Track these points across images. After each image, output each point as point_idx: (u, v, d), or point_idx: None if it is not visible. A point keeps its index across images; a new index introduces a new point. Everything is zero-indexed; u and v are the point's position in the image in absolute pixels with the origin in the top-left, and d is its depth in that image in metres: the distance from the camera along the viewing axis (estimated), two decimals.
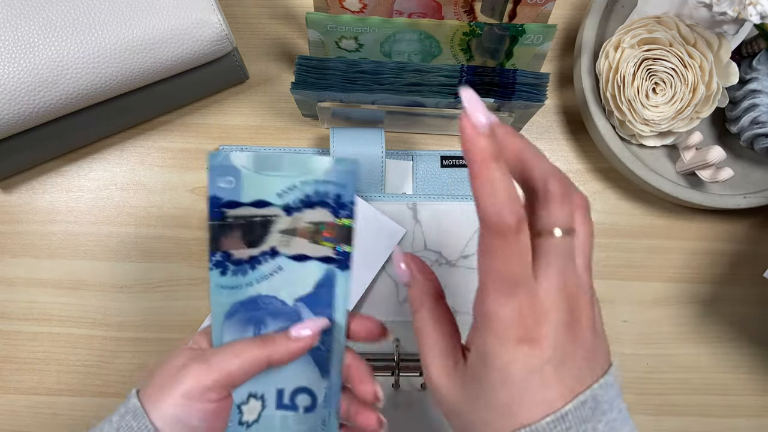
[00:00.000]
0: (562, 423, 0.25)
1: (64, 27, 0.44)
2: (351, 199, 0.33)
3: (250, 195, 0.33)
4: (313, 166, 0.33)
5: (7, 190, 0.54)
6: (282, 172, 0.33)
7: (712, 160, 0.48)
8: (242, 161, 0.33)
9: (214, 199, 0.33)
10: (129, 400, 0.32)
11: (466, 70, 0.46)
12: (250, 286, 0.34)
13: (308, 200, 0.34)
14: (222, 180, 0.33)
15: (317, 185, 0.33)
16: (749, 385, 0.54)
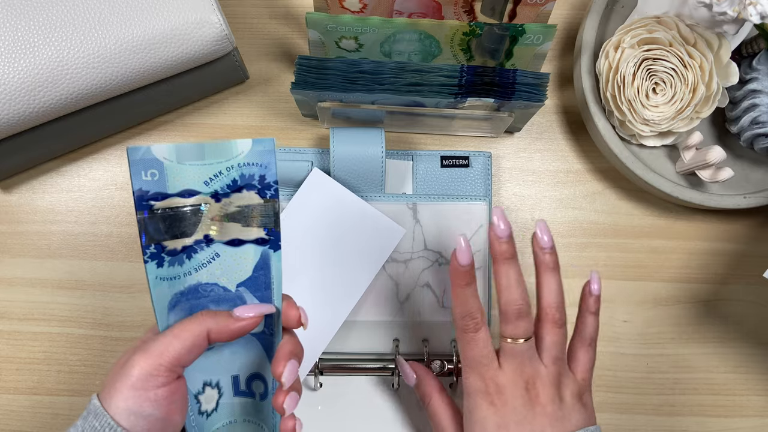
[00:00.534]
0: None
1: (64, 27, 0.44)
2: (275, 179, 0.34)
3: (176, 186, 0.33)
4: (234, 151, 0.33)
5: (7, 190, 0.54)
6: (206, 161, 0.33)
7: (712, 160, 0.48)
8: (164, 153, 0.33)
9: (140, 192, 0.33)
10: (90, 402, 0.33)
11: (466, 70, 0.46)
12: (189, 275, 0.34)
13: (235, 185, 0.34)
14: (145, 173, 0.33)
15: (242, 169, 0.34)
16: (749, 385, 0.54)
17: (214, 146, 0.33)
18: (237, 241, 0.35)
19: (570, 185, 0.56)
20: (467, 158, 0.54)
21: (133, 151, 0.32)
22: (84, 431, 0.32)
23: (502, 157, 0.56)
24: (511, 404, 0.38)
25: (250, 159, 0.34)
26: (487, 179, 0.54)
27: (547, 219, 0.55)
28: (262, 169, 0.34)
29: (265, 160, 0.34)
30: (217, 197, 0.34)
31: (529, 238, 0.55)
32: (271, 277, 0.35)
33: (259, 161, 0.34)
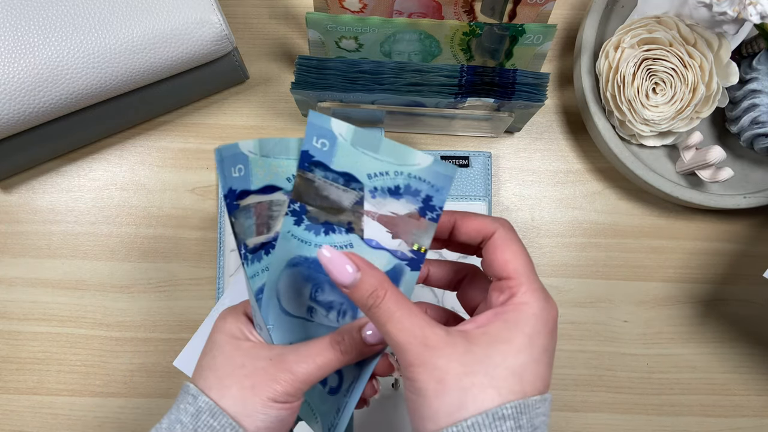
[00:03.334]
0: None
1: (64, 27, 0.44)
2: (441, 205, 0.32)
3: (340, 164, 0.33)
4: (409, 160, 0.32)
5: (7, 190, 0.54)
6: (378, 155, 0.32)
7: (712, 160, 0.48)
8: (341, 129, 0.32)
9: (306, 154, 0.32)
10: (195, 398, 0.32)
11: (466, 70, 0.46)
12: (319, 248, 0.33)
13: (396, 191, 0.33)
14: (318, 140, 0.32)
15: (411, 180, 0.32)
16: (749, 385, 0.54)
17: (393, 146, 0.32)
18: (376, 244, 0.34)
19: (570, 185, 0.56)
20: (467, 158, 0.54)
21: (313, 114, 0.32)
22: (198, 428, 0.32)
23: (502, 157, 0.56)
24: None
25: (423, 175, 0.32)
26: (487, 179, 0.54)
27: (547, 219, 0.55)
28: (432, 190, 0.32)
29: (440, 183, 0.32)
30: (373, 193, 0.33)
31: (530, 238, 0.55)
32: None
33: (433, 181, 0.32)
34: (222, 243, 0.52)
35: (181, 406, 0.33)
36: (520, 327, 0.29)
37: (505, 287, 0.31)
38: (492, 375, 0.28)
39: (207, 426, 0.32)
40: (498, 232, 0.32)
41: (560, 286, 0.54)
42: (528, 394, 0.28)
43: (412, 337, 0.29)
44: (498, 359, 0.28)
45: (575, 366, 0.54)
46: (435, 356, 0.28)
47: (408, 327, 0.29)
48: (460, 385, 0.28)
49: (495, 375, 0.28)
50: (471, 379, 0.28)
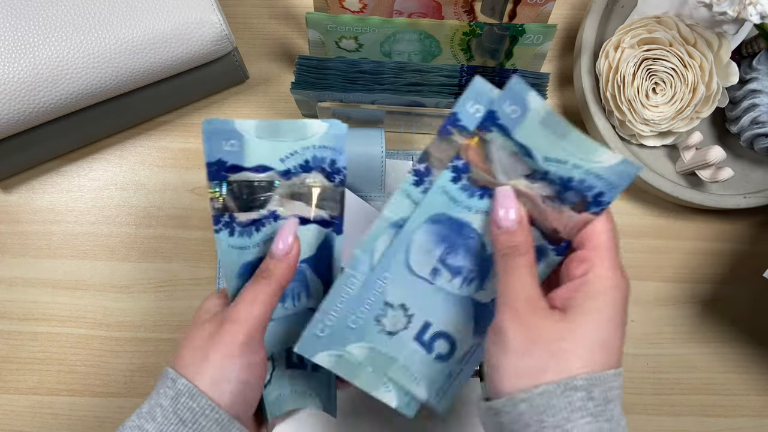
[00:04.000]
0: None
1: (64, 27, 0.44)
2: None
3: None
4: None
5: (7, 190, 0.54)
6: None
7: (712, 160, 0.48)
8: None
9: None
10: (174, 381, 0.32)
11: (466, 70, 0.46)
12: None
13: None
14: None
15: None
16: (749, 385, 0.54)
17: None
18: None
19: None
20: None
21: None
22: (178, 411, 0.32)
23: None
24: None
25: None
26: None
27: None
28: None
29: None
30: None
31: None
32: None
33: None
34: None
35: (160, 391, 0.33)
36: (604, 297, 0.30)
37: (584, 258, 0.31)
38: (580, 344, 0.29)
39: (186, 408, 0.32)
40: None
41: None
42: (610, 364, 0.29)
43: (523, 292, 0.30)
44: (587, 329, 0.29)
45: None
46: (535, 316, 0.29)
47: (526, 285, 0.30)
48: (549, 348, 0.29)
49: (583, 344, 0.29)
50: (560, 344, 0.29)
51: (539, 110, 0.31)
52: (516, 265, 0.31)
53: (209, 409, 0.32)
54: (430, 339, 0.35)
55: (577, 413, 0.28)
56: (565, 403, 0.28)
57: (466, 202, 0.33)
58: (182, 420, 0.32)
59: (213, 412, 0.32)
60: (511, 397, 0.29)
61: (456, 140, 0.32)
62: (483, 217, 0.33)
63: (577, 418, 0.28)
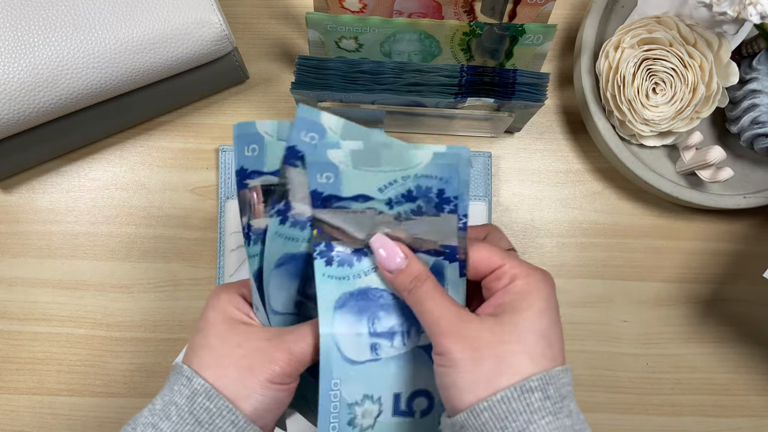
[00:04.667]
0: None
1: (64, 27, 0.44)
2: (455, 194, 0.32)
3: (350, 190, 0.32)
4: (413, 161, 0.32)
5: (7, 190, 0.54)
6: (381, 168, 0.32)
7: (712, 160, 0.48)
8: (339, 158, 0.32)
9: (315, 193, 0.32)
10: (190, 380, 0.32)
11: (466, 70, 0.46)
12: (358, 278, 0.34)
13: (410, 195, 0.33)
14: (321, 176, 0.32)
15: (418, 180, 0.32)
16: (749, 385, 0.54)
17: (391, 154, 0.32)
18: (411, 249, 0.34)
19: (570, 185, 0.56)
20: None
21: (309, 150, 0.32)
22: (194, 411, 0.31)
23: (502, 157, 0.56)
24: None
25: (428, 171, 0.32)
26: (487, 179, 0.54)
27: (547, 219, 0.55)
28: (441, 183, 0.32)
29: (445, 174, 0.32)
30: (390, 204, 0.33)
31: (530, 238, 0.55)
32: (446, 286, 0.34)
33: (439, 174, 0.32)
34: (222, 243, 0.52)
35: (174, 388, 0.32)
36: (534, 294, 0.31)
37: (500, 275, 0.32)
38: (522, 341, 0.30)
39: (203, 408, 0.31)
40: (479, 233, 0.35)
41: (560, 286, 0.54)
42: (557, 359, 0.30)
43: (447, 311, 0.31)
44: (525, 325, 0.30)
45: (575, 366, 0.54)
46: (469, 328, 0.30)
47: (444, 304, 0.31)
48: (494, 352, 0.29)
49: (525, 340, 0.30)
50: (504, 346, 0.29)
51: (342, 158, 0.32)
52: (426, 292, 0.32)
53: (226, 410, 0.31)
54: (407, 405, 0.35)
55: (537, 414, 0.28)
56: (524, 406, 0.28)
57: (353, 272, 0.34)
58: (198, 421, 0.31)
59: (230, 413, 0.31)
60: (472, 409, 0.29)
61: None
62: (375, 274, 0.34)
63: (538, 419, 0.28)
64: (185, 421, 0.31)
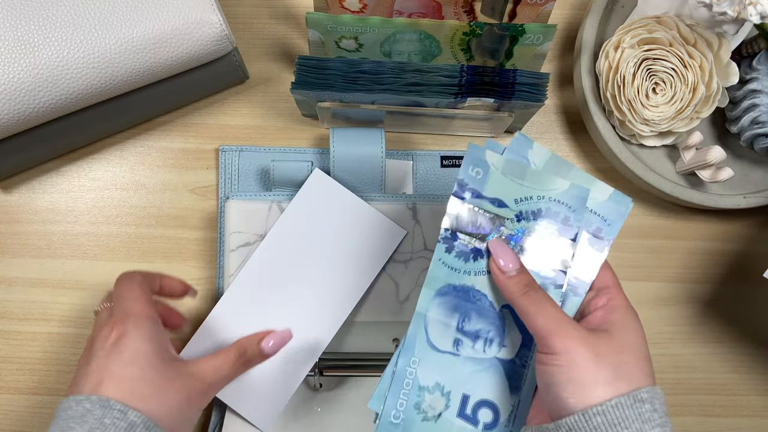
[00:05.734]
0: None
1: (64, 27, 0.44)
2: (578, 224, 0.35)
3: (491, 191, 0.35)
4: (551, 185, 0.36)
5: (7, 190, 0.54)
6: (524, 182, 0.35)
7: (712, 160, 0.48)
8: (493, 159, 0.35)
9: (461, 182, 0.35)
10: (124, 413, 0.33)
11: (466, 70, 0.46)
12: (467, 275, 0.35)
13: (539, 213, 0.35)
14: (473, 169, 0.35)
15: (551, 203, 0.35)
16: (749, 385, 0.54)
17: (537, 174, 0.36)
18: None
19: None
20: None
21: (471, 147, 0.35)
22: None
23: None
24: None
25: (562, 198, 0.36)
26: None
27: None
28: (569, 210, 0.36)
29: (575, 205, 0.36)
30: (519, 217, 0.35)
31: None
32: None
33: (570, 203, 0.36)
34: (222, 243, 0.52)
35: (106, 421, 0.32)
36: (636, 320, 0.34)
37: (603, 293, 0.35)
38: (634, 356, 0.32)
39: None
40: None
41: None
42: (654, 381, 0.32)
43: (563, 316, 0.32)
44: (635, 343, 0.32)
45: None
46: (590, 335, 0.32)
47: (557, 310, 0.33)
48: (613, 361, 0.31)
49: (637, 356, 0.32)
50: (621, 356, 0.31)
51: (496, 161, 0.35)
52: (541, 297, 0.33)
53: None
54: (473, 411, 0.35)
55: (647, 424, 0.29)
56: (636, 415, 0.29)
57: (465, 267, 0.35)
58: None
59: None
60: (584, 412, 0.29)
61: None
62: (484, 277, 0.36)
63: (648, 429, 0.29)
64: None
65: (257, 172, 0.54)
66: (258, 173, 0.54)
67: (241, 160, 0.54)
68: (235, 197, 0.50)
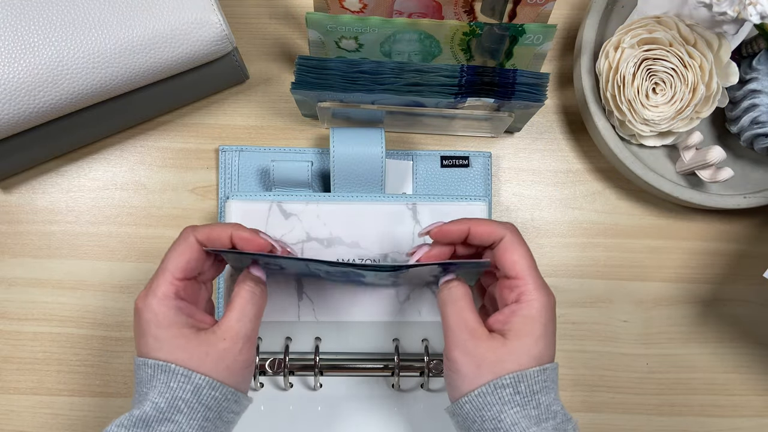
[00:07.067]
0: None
1: (64, 27, 0.44)
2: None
3: None
4: None
5: (7, 190, 0.54)
6: None
7: (712, 160, 0.48)
8: None
9: None
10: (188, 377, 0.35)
11: (466, 70, 0.46)
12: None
13: None
14: None
15: None
16: (749, 385, 0.54)
17: None
18: None
19: (570, 185, 0.56)
20: (467, 158, 0.54)
21: None
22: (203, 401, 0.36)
23: (502, 157, 0.56)
24: None
25: None
26: (487, 179, 0.54)
27: (547, 219, 0.55)
28: None
29: None
30: None
31: (530, 238, 0.55)
32: None
33: None
34: None
35: (172, 385, 0.35)
36: (536, 320, 0.37)
37: (513, 286, 0.38)
38: (518, 361, 0.36)
39: (211, 398, 0.36)
40: (506, 237, 0.39)
41: (560, 286, 0.54)
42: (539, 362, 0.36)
43: (464, 325, 0.38)
44: (524, 349, 0.36)
45: (575, 366, 0.54)
46: (477, 346, 0.37)
47: (470, 315, 0.38)
48: (493, 370, 0.36)
49: (521, 361, 0.36)
50: (502, 365, 0.36)
51: None
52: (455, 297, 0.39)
53: (231, 395, 0.37)
54: None
55: (506, 405, 0.35)
56: (496, 399, 0.35)
57: None
58: (208, 407, 0.36)
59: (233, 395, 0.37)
60: (457, 402, 0.37)
61: None
62: None
63: (507, 409, 0.35)
64: (196, 410, 0.35)
65: (257, 172, 0.54)
66: (258, 173, 0.54)
67: (241, 160, 0.54)
68: (235, 197, 0.50)
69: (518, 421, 0.35)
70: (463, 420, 0.37)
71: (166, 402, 0.35)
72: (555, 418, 0.36)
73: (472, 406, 0.36)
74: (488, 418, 0.35)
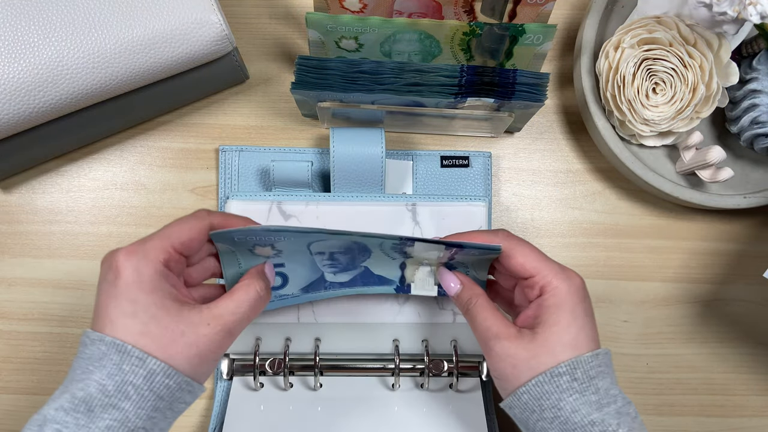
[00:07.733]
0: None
1: (64, 27, 0.44)
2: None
3: None
4: None
5: (7, 190, 0.54)
6: None
7: (712, 160, 0.48)
8: None
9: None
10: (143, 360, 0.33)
11: (466, 70, 0.46)
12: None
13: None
14: None
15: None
16: (749, 385, 0.54)
17: None
18: None
19: (570, 185, 0.56)
20: (467, 158, 0.54)
21: None
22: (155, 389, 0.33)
23: (502, 157, 0.56)
24: None
25: None
26: (487, 179, 0.54)
27: (547, 219, 0.55)
28: None
29: None
30: None
31: (530, 238, 0.55)
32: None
33: None
34: None
35: (124, 367, 0.32)
36: (561, 307, 0.37)
37: (533, 284, 0.38)
38: (553, 353, 0.36)
39: (164, 386, 0.33)
40: (503, 245, 0.39)
41: None
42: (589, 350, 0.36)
43: (488, 332, 0.38)
44: (554, 339, 0.36)
45: None
46: (506, 348, 0.37)
47: (492, 321, 0.38)
48: (529, 366, 0.36)
49: (555, 352, 0.36)
50: (537, 359, 0.36)
51: None
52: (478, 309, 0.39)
53: (185, 385, 0.34)
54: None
55: (565, 393, 0.35)
56: (554, 387, 0.35)
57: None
58: (159, 396, 0.33)
59: (188, 385, 0.34)
60: (515, 393, 0.37)
61: None
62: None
63: (566, 396, 0.35)
64: (146, 398, 0.33)
65: (257, 172, 0.54)
66: (258, 173, 0.54)
67: (241, 160, 0.54)
68: (235, 197, 0.50)
69: (578, 408, 0.35)
70: (521, 411, 0.37)
71: (115, 386, 0.32)
72: (616, 402, 0.36)
73: (530, 396, 0.36)
74: (547, 407, 0.35)
